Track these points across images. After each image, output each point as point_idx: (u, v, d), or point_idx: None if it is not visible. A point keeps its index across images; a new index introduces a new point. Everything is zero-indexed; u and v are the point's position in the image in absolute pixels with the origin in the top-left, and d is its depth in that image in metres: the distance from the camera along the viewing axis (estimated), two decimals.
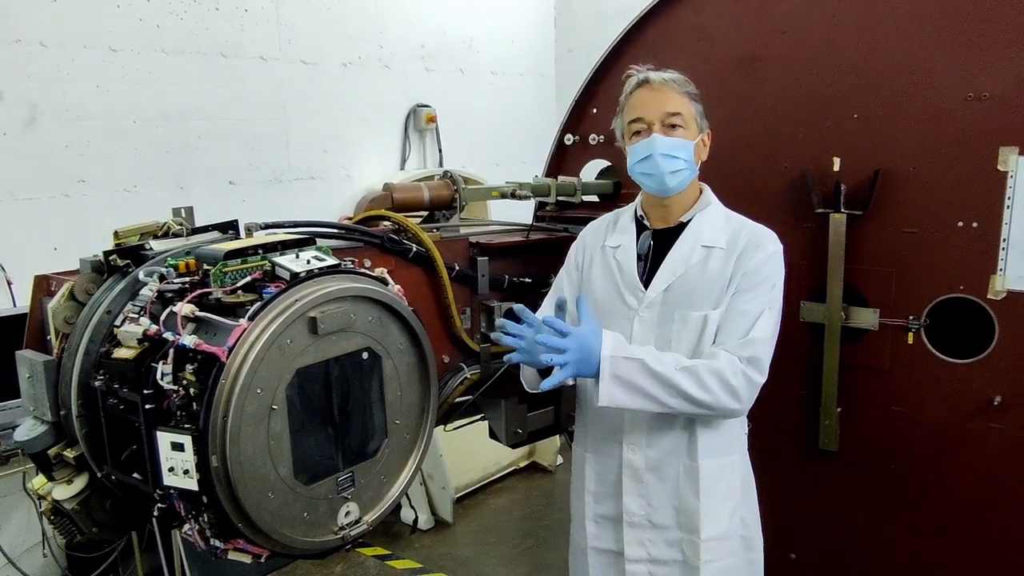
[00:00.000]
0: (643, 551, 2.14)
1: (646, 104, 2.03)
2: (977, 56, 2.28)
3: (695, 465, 2.07)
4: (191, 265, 1.78)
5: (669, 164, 2.00)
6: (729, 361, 1.92)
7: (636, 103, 2.05)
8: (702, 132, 2.08)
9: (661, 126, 2.01)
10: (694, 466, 2.07)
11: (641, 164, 2.04)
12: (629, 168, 2.09)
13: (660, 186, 2.04)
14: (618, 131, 2.15)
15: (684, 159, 2.01)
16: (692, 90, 2.06)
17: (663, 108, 2.01)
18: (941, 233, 2.38)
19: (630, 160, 2.07)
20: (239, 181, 4.59)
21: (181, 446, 1.58)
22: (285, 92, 4.77)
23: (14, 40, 3.65)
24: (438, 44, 5.70)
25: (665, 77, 2.03)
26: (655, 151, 1.99)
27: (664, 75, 2.04)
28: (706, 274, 2.03)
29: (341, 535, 1.85)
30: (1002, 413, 2.32)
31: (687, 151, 2.02)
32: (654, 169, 2.01)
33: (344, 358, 1.82)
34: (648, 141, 2.01)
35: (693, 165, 2.05)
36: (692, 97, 2.05)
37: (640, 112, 2.03)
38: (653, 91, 2.03)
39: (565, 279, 2.28)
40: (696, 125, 2.05)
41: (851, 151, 2.50)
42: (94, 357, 1.76)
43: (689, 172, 2.05)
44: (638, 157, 2.04)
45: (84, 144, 3.91)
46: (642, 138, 2.03)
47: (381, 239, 2.35)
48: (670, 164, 2.00)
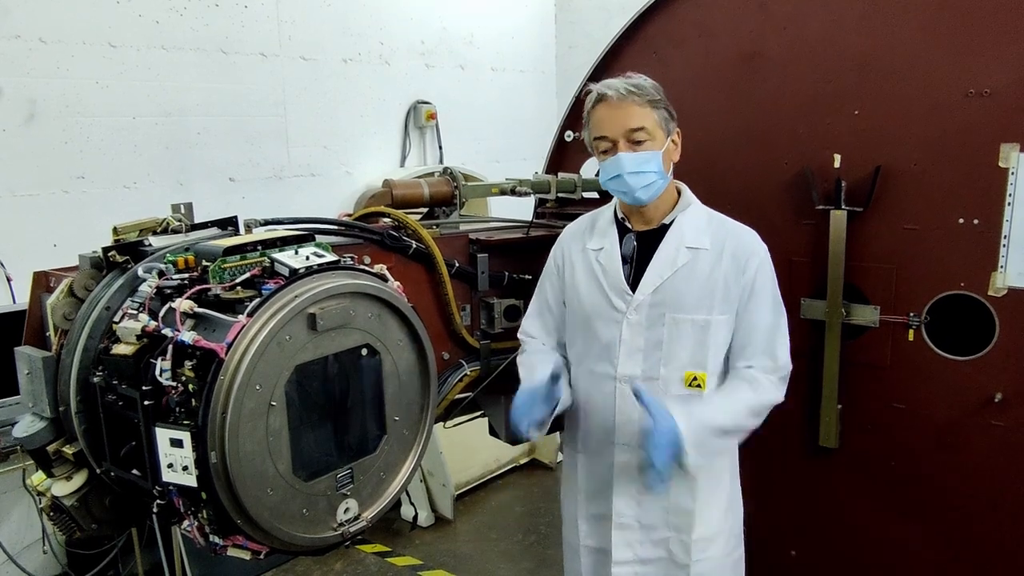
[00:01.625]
0: (630, 552, 2.15)
1: (608, 121, 1.99)
2: (978, 52, 2.27)
3: None
4: (190, 261, 1.77)
5: (639, 180, 1.99)
6: (772, 384, 2.04)
7: (598, 121, 2.02)
8: (670, 136, 2.04)
9: (626, 142, 1.98)
10: None
11: (611, 182, 2.03)
12: (601, 182, 2.08)
13: (634, 200, 2.04)
14: (587, 143, 2.12)
15: (653, 171, 1.99)
16: (655, 96, 2.00)
17: (625, 124, 1.97)
18: (942, 230, 2.37)
19: (601, 176, 2.06)
20: (239, 177, 4.58)
21: (180, 442, 1.58)
22: (285, 88, 4.76)
23: (14, 36, 3.64)
24: (438, 40, 5.69)
25: (623, 90, 1.97)
26: (623, 171, 1.98)
27: (623, 86, 1.98)
28: (694, 276, 2.03)
29: (340, 532, 1.85)
30: (1003, 410, 2.32)
31: (655, 163, 1.99)
32: (624, 187, 2.01)
33: (343, 354, 1.81)
34: (615, 160, 1.99)
35: (663, 174, 2.02)
36: (655, 104, 1.99)
37: (603, 130, 2.00)
38: (612, 108, 1.98)
39: (548, 286, 2.27)
40: (662, 132, 2.01)
41: (852, 148, 2.49)
42: (93, 353, 1.76)
43: (661, 181, 2.03)
44: (608, 175, 2.03)
45: (83, 140, 3.91)
46: (609, 156, 2.01)
47: (381, 236, 2.35)
48: (640, 180, 1.99)
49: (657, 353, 2.04)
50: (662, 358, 2.04)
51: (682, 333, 2.03)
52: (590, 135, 2.07)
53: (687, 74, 2.79)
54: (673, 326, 2.03)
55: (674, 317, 2.02)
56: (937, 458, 2.46)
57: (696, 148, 2.24)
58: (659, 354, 2.04)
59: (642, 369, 2.06)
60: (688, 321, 2.02)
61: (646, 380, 2.05)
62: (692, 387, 2.05)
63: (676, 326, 2.02)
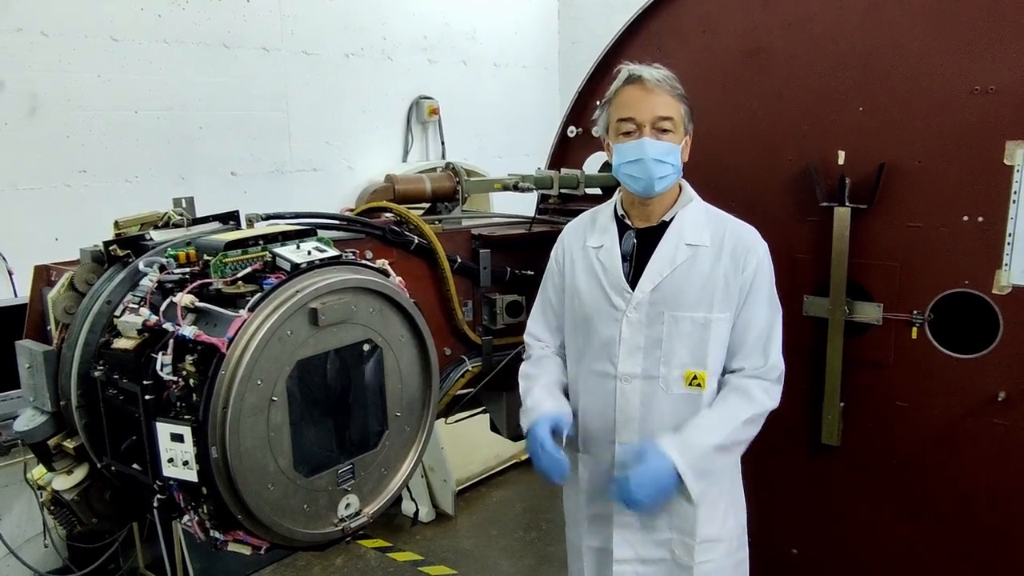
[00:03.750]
0: (631, 551, 2.14)
1: (638, 103, 1.96)
2: (984, 49, 2.26)
3: None
4: (191, 255, 1.77)
5: (659, 169, 1.96)
6: (764, 389, 2.02)
7: (627, 100, 1.98)
8: (687, 134, 2.03)
9: (652, 129, 1.95)
10: None
11: (629, 166, 1.98)
12: (615, 166, 2.04)
13: (647, 189, 2.00)
14: (601, 123, 2.09)
15: (672, 163, 1.97)
16: (682, 91, 1.99)
17: (655, 111, 1.95)
18: (946, 227, 2.36)
19: (616, 159, 2.02)
20: (240, 172, 4.58)
21: (181, 437, 1.58)
22: (287, 83, 4.76)
23: (15, 29, 3.64)
24: (441, 35, 5.68)
25: (658, 76, 1.96)
26: (646, 156, 1.95)
27: (657, 73, 1.97)
28: (694, 274, 2.01)
29: (341, 527, 1.85)
30: (1006, 409, 2.31)
31: (676, 155, 1.98)
32: (643, 173, 1.97)
33: (345, 350, 1.81)
34: (638, 144, 1.96)
35: (679, 169, 2.01)
36: (682, 99, 1.99)
37: (631, 112, 1.97)
38: (646, 91, 1.96)
39: (550, 285, 2.25)
40: (683, 128, 2.00)
41: (856, 144, 2.48)
42: (94, 347, 1.76)
43: (675, 175, 2.01)
44: (627, 158, 1.98)
45: (85, 134, 3.90)
46: (631, 139, 1.97)
47: (383, 231, 2.35)
48: (659, 169, 1.96)
49: (657, 351, 2.03)
50: (662, 356, 2.03)
51: (681, 331, 2.01)
52: (611, 114, 2.03)
53: (691, 70, 2.77)
54: (672, 324, 2.01)
55: (673, 315, 2.01)
56: (939, 456, 2.45)
57: (700, 144, 2.23)
58: (659, 352, 2.03)
59: (642, 367, 2.04)
60: (688, 319, 2.01)
61: (646, 378, 2.04)
62: (692, 386, 2.03)
63: (676, 324, 2.01)
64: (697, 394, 2.03)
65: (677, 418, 2.04)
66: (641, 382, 2.04)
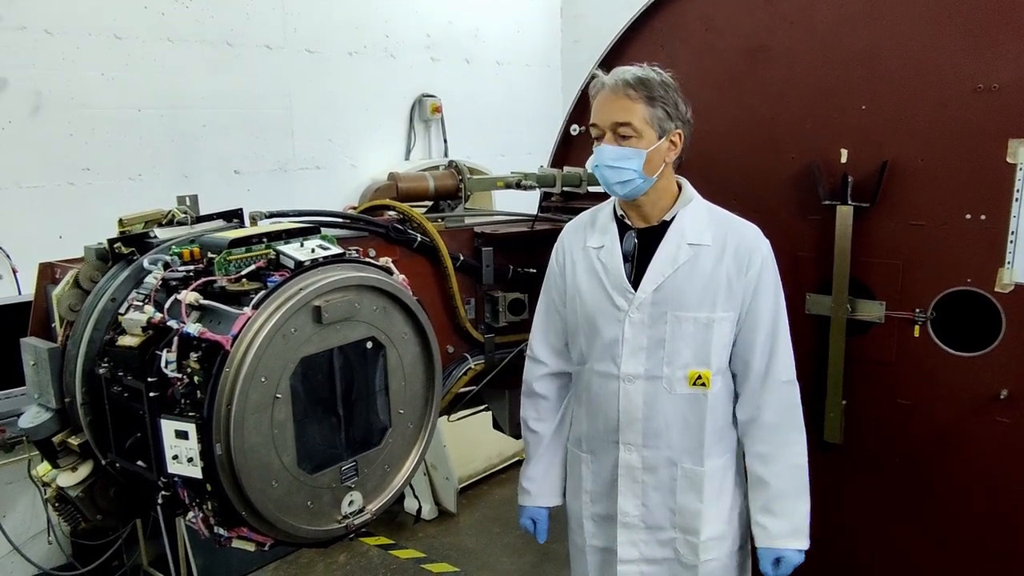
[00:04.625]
0: (635, 551, 2.14)
1: (599, 110, 1.99)
2: (987, 47, 2.26)
3: (700, 469, 2.07)
4: (196, 253, 1.77)
5: (615, 175, 1.97)
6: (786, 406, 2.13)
7: (595, 106, 2.02)
8: (665, 135, 1.97)
9: (612, 135, 1.96)
10: (698, 469, 2.07)
11: (595, 170, 2.02)
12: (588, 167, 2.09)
13: (613, 193, 2.04)
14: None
15: (632, 169, 1.95)
16: (656, 92, 1.94)
17: (613, 116, 1.96)
18: (949, 226, 2.36)
19: (588, 162, 2.07)
20: (244, 170, 4.58)
21: (185, 434, 1.58)
22: (290, 81, 4.76)
23: (19, 27, 3.64)
24: (444, 34, 5.68)
25: (621, 82, 1.94)
26: (601, 162, 1.98)
27: (623, 78, 1.95)
28: (696, 273, 2.01)
29: (345, 524, 1.86)
30: (1008, 407, 2.31)
31: (636, 161, 1.95)
32: (602, 178, 2.01)
33: (348, 347, 1.82)
34: (598, 151, 1.99)
35: (643, 174, 1.97)
36: (651, 102, 1.93)
37: (595, 118, 2.01)
38: (606, 98, 1.98)
39: (553, 287, 2.24)
40: (652, 131, 1.95)
41: (859, 143, 2.48)
42: (98, 345, 1.76)
43: (640, 182, 1.98)
44: (592, 163, 2.03)
45: (89, 132, 3.91)
46: (599, 144, 2.00)
47: (386, 228, 2.35)
48: (616, 175, 1.97)
49: (660, 352, 2.03)
50: (665, 356, 2.03)
51: (684, 331, 2.01)
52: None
53: (693, 68, 2.78)
54: (675, 324, 2.01)
55: (676, 315, 2.01)
56: (942, 454, 2.45)
57: (701, 142, 2.23)
58: (662, 352, 2.03)
59: (645, 368, 2.04)
60: (690, 319, 2.01)
61: (649, 379, 2.04)
62: (696, 386, 2.03)
63: (678, 324, 2.01)
64: (702, 394, 2.04)
65: (680, 419, 2.04)
66: (644, 382, 2.04)
